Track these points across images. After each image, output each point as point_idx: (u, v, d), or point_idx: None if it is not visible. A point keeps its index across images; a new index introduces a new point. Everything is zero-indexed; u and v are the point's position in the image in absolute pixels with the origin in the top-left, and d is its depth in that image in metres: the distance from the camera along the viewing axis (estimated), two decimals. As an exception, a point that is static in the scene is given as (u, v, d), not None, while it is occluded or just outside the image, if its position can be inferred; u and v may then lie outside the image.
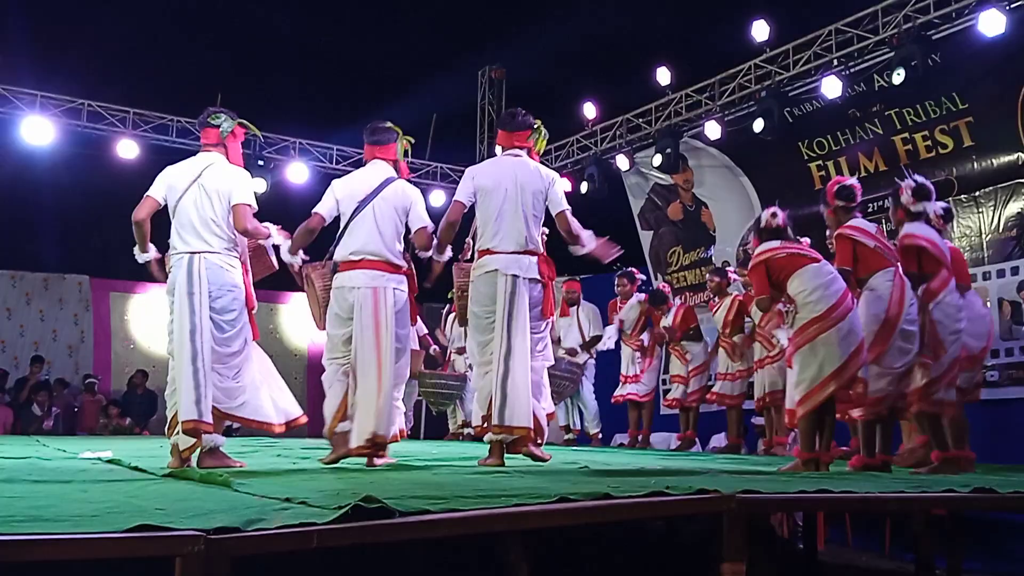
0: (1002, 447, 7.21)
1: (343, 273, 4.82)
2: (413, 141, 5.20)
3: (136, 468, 4.21)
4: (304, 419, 4.82)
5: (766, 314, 7.55)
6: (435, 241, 4.98)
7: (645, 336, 9.20)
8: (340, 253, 4.87)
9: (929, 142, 8.59)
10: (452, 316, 10.30)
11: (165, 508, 2.43)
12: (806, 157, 9.61)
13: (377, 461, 4.74)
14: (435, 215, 5.12)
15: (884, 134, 8.98)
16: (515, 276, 4.87)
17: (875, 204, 8.36)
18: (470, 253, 5.26)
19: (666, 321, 8.96)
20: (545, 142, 5.33)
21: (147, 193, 4.64)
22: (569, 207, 5.06)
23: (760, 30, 9.66)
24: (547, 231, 5.26)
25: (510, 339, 4.83)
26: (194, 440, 4.36)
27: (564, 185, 5.39)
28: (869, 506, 4.07)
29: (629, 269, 9.39)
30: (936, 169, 8.32)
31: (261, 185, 10.96)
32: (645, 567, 4.00)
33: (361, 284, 4.75)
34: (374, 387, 4.66)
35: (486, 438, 4.99)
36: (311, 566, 3.07)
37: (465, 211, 5.04)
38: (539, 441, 5.17)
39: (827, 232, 5.49)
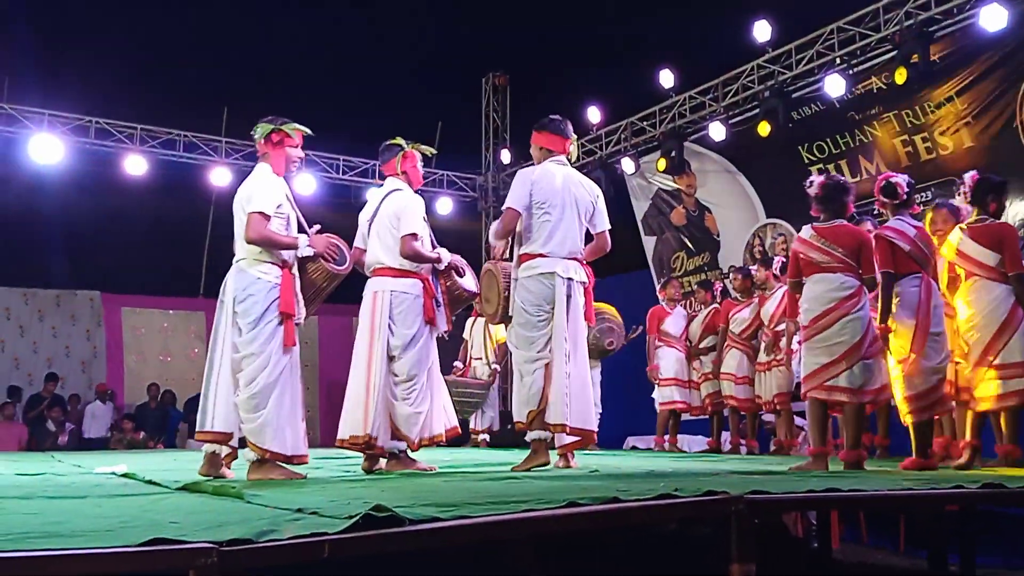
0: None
1: None
2: (432, 151, 5.37)
3: (150, 482, 4.24)
4: (307, 459, 4.46)
5: (774, 317, 7.55)
6: (492, 239, 5.24)
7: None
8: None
9: (929, 144, 8.58)
10: (471, 321, 10.13)
11: (179, 521, 2.46)
12: (807, 161, 9.59)
13: (375, 465, 4.88)
14: (442, 222, 5.23)
15: (884, 137, 8.98)
16: (571, 280, 4.99)
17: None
18: (508, 252, 5.27)
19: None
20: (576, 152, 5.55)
21: None
22: (610, 226, 5.21)
23: (762, 30, 9.67)
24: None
25: (576, 343, 4.96)
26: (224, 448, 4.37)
27: None
28: (876, 504, 4.08)
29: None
30: (938, 171, 8.34)
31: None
32: (657, 569, 4.01)
33: (367, 291, 5.03)
34: (362, 388, 4.83)
35: (530, 436, 4.95)
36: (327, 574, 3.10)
37: (519, 219, 5.04)
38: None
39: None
